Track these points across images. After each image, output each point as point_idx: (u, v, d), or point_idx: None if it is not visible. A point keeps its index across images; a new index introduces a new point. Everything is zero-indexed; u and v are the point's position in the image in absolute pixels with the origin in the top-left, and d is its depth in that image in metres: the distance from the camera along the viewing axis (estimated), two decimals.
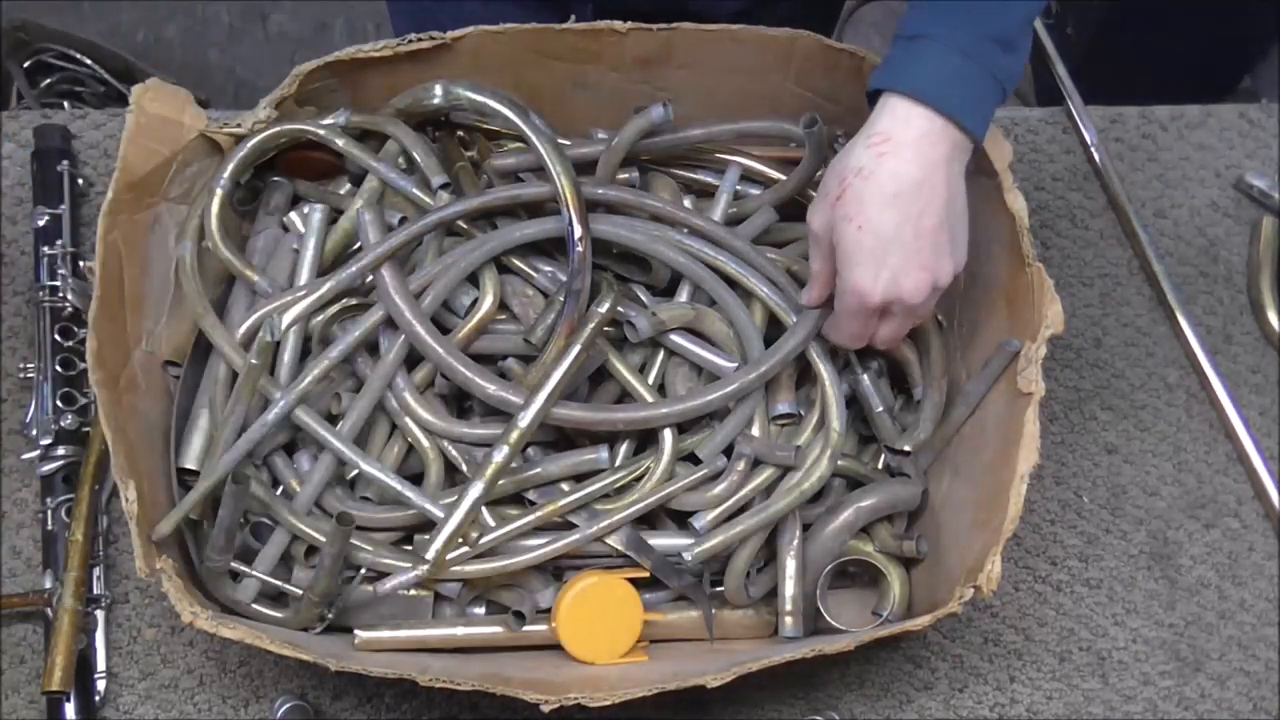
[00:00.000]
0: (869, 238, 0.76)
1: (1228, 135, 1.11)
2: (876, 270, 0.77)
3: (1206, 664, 0.96)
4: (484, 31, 0.90)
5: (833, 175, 0.78)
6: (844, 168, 0.77)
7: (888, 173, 0.75)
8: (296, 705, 0.88)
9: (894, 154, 0.75)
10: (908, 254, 0.77)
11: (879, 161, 0.75)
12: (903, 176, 0.75)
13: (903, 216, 0.75)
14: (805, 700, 0.93)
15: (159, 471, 0.86)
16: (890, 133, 0.75)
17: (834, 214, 0.77)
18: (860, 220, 0.76)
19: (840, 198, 0.77)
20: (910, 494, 0.91)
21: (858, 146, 0.76)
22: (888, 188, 0.75)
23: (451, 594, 0.86)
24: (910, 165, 0.75)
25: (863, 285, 0.77)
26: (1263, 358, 1.05)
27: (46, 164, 0.99)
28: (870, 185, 0.75)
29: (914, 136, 0.75)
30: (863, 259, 0.77)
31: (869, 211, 0.75)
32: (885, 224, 0.76)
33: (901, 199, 0.75)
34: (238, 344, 0.86)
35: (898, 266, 0.77)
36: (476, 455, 0.87)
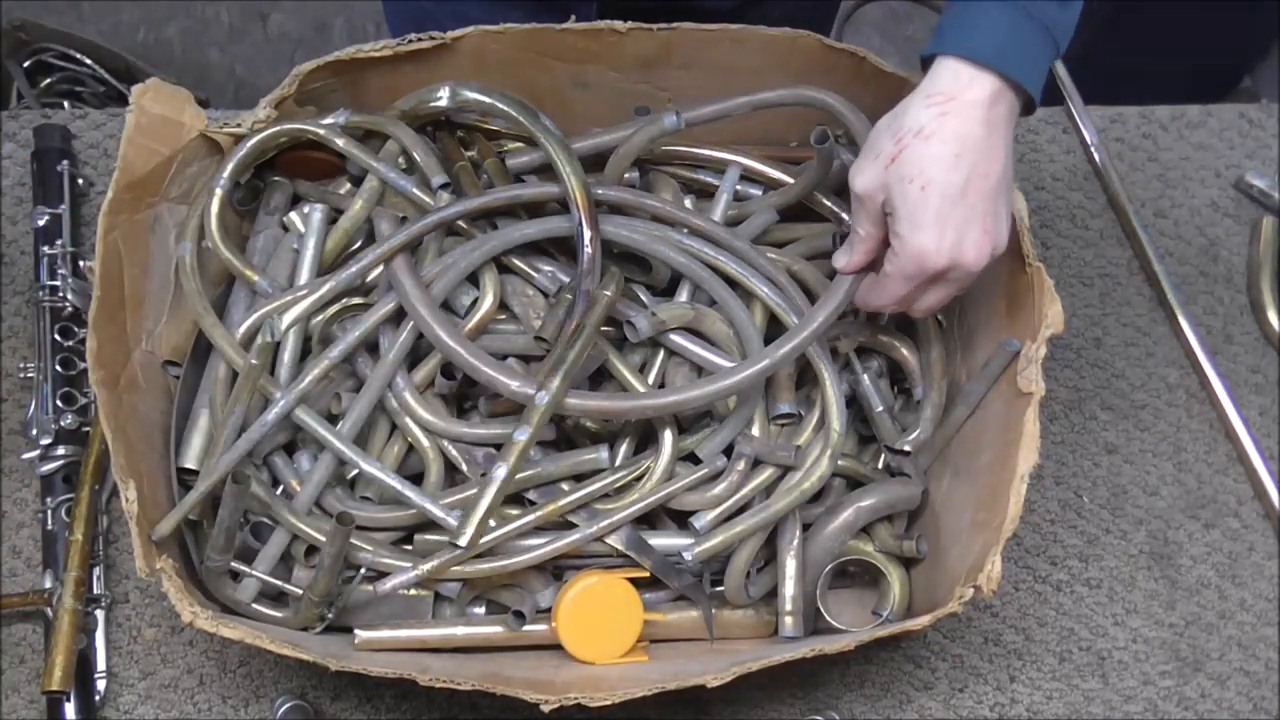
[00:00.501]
0: (934, 198, 0.74)
1: (1228, 135, 1.11)
2: (941, 231, 0.75)
3: (1206, 664, 0.96)
4: (484, 31, 0.90)
5: (885, 135, 0.76)
6: (900, 127, 0.75)
7: (951, 132, 0.73)
8: (296, 705, 0.88)
9: (956, 113, 0.73)
10: (972, 216, 0.75)
11: (941, 121, 0.74)
12: (966, 136, 0.74)
13: (967, 177, 0.74)
14: (805, 700, 0.93)
15: (159, 471, 0.86)
16: (951, 92, 0.74)
17: (888, 175, 0.75)
18: (923, 180, 0.74)
19: (897, 158, 0.75)
20: (910, 494, 0.91)
21: (914, 107, 0.75)
22: (951, 147, 0.74)
23: (451, 594, 0.86)
24: (974, 124, 0.74)
25: (926, 247, 0.75)
26: (1263, 358, 1.05)
27: (46, 164, 0.99)
28: (932, 145, 0.74)
29: (976, 96, 0.73)
30: (926, 220, 0.75)
31: (932, 171, 0.74)
32: (951, 184, 0.74)
33: (964, 159, 0.74)
34: (238, 344, 0.86)
35: (962, 228, 0.75)
36: (476, 455, 0.87)
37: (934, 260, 0.76)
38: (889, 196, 0.76)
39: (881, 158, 0.76)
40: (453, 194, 0.90)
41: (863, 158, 0.78)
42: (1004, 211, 0.77)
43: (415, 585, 0.83)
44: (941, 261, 0.76)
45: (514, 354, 0.89)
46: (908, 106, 0.75)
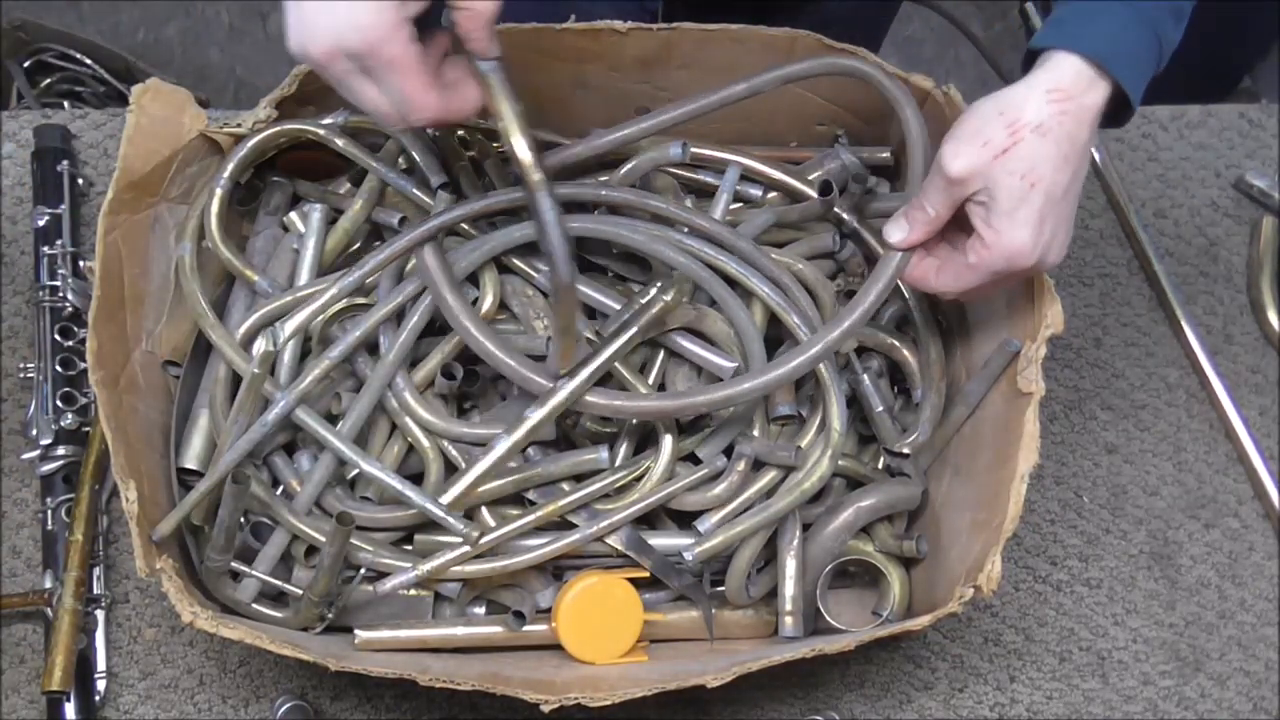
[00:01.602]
0: (1040, 197, 0.73)
1: (1228, 135, 1.11)
2: (1038, 231, 0.74)
3: (1206, 664, 0.96)
4: None
5: (996, 124, 0.74)
6: (1017, 120, 0.73)
7: (1066, 133, 0.73)
8: (296, 705, 0.88)
9: (1074, 115, 0.73)
10: (1062, 219, 0.75)
11: (1059, 120, 0.73)
12: (1076, 139, 0.73)
13: (1069, 179, 0.74)
14: (805, 700, 0.93)
15: (159, 471, 0.86)
16: (1072, 91, 0.73)
17: (995, 165, 0.73)
18: (1033, 178, 0.73)
19: (1009, 151, 0.73)
20: (910, 494, 0.91)
21: (1035, 100, 0.73)
22: (1063, 148, 0.73)
23: (451, 594, 0.86)
24: (1084, 128, 0.73)
25: (1023, 245, 0.74)
26: (1263, 358, 1.05)
27: (46, 164, 0.99)
28: (1047, 143, 0.73)
29: (1093, 101, 0.73)
30: (1029, 220, 0.74)
31: (1043, 169, 0.73)
32: (1057, 184, 0.73)
33: (1070, 161, 0.73)
34: (238, 345, 0.86)
35: (1055, 229, 0.75)
36: (477, 455, 0.87)
37: (1026, 259, 0.75)
38: (989, 186, 0.74)
39: (990, 146, 0.74)
40: (452, 194, 0.90)
41: (963, 141, 0.75)
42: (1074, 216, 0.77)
43: (415, 585, 0.83)
44: (1031, 260, 0.75)
45: None
46: (1026, 98, 0.73)
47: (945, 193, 0.77)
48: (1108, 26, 0.73)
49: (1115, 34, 0.73)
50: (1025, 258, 0.75)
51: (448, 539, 0.85)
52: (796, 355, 0.81)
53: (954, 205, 0.77)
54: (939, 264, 0.81)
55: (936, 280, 0.81)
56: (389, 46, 0.66)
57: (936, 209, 0.78)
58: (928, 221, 0.79)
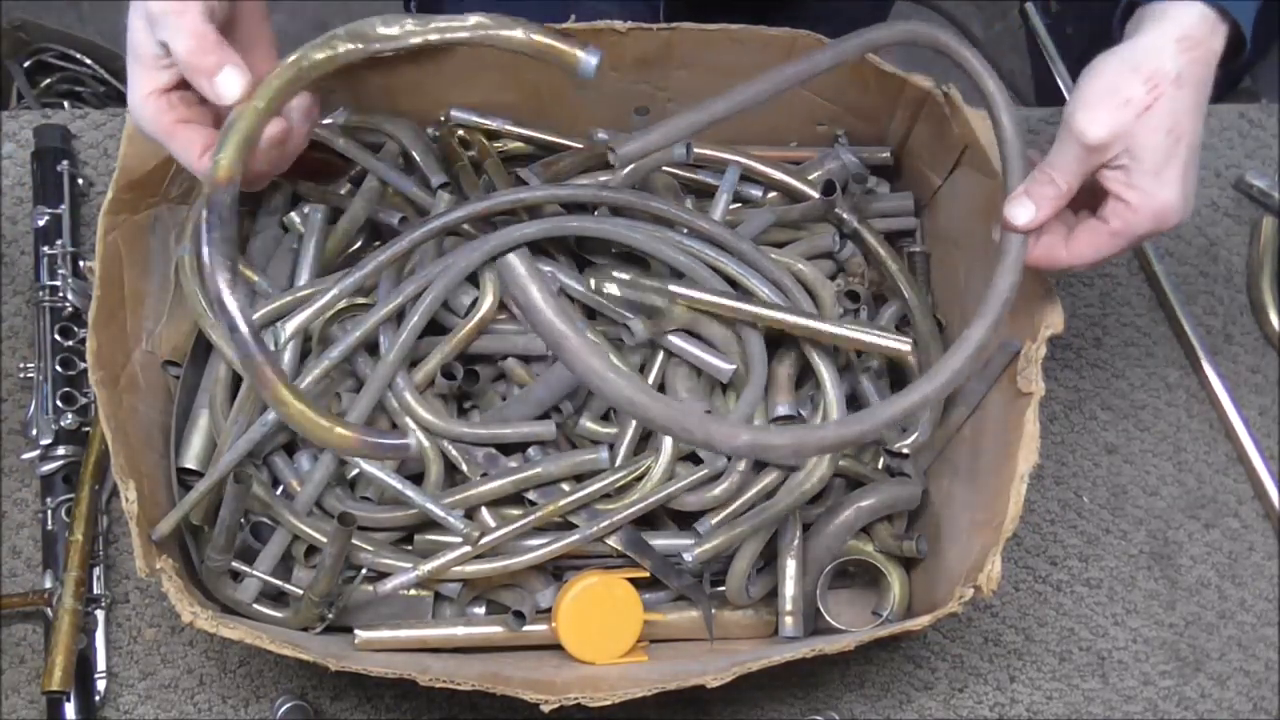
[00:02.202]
0: (1185, 150, 0.70)
1: (1228, 135, 1.11)
2: (1185, 186, 0.71)
3: (1206, 664, 0.96)
4: None
5: (1133, 78, 0.70)
6: (1155, 72, 0.70)
7: (1200, 81, 0.70)
8: (296, 705, 0.88)
9: (1203, 62, 0.70)
10: (1196, 172, 0.72)
11: (1192, 69, 0.70)
12: (1205, 87, 0.71)
13: (1199, 131, 0.71)
14: (805, 700, 0.93)
15: (159, 471, 0.86)
16: (1199, 37, 0.70)
17: (1139, 124, 0.70)
18: (1179, 131, 0.70)
19: (1152, 107, 0.70)
20: (910, 494, 0.91)
21: (1168, 51, 0.70)
22: (1199, 98, 0.70)
23: (452, 594, 0.86)
24: (1210, 74, 0.71)
25: (1174, 203, 0.71)
26: (1263, 358, 1.05)
27: (46, 164, 0.99)
28: (1186, 94, 0.70)
29: (1216, 46, 0.71)
30: (1176, 176, 0.71)
31: (1186, 122, 0.70)
32: (1197, 135, 0.71)
33: (1201, 109, 0.71)
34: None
35: (1193, 184, 0.72)
36: (476, 455, 0.87)
37: (1175, 216, 0.72)
38: (1132, 146, 0.71)
39: (1132, 105, 0.70)
40: (453, 194, 0.90)
41: (1098, 104, 0.71)
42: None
43: (416, 585, 0.83)
44: (1179, 217, 0.72)
45: (514, 354, 0.89)
46: (1158, 49, 0.70)
47: (1082, 162, 0.72)
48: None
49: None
50: (1174, 215, 0.72)
51: (448, 539, 0.85)
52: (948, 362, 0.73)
53: (1088, 174, 0.73)
54: (1063, 238, 0.76)
55: (1070, 254, 0.76)
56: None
57: (1069, 180, 0.73)
58: (1058, 196, 0.74)
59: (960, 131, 0.90)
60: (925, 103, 0.92)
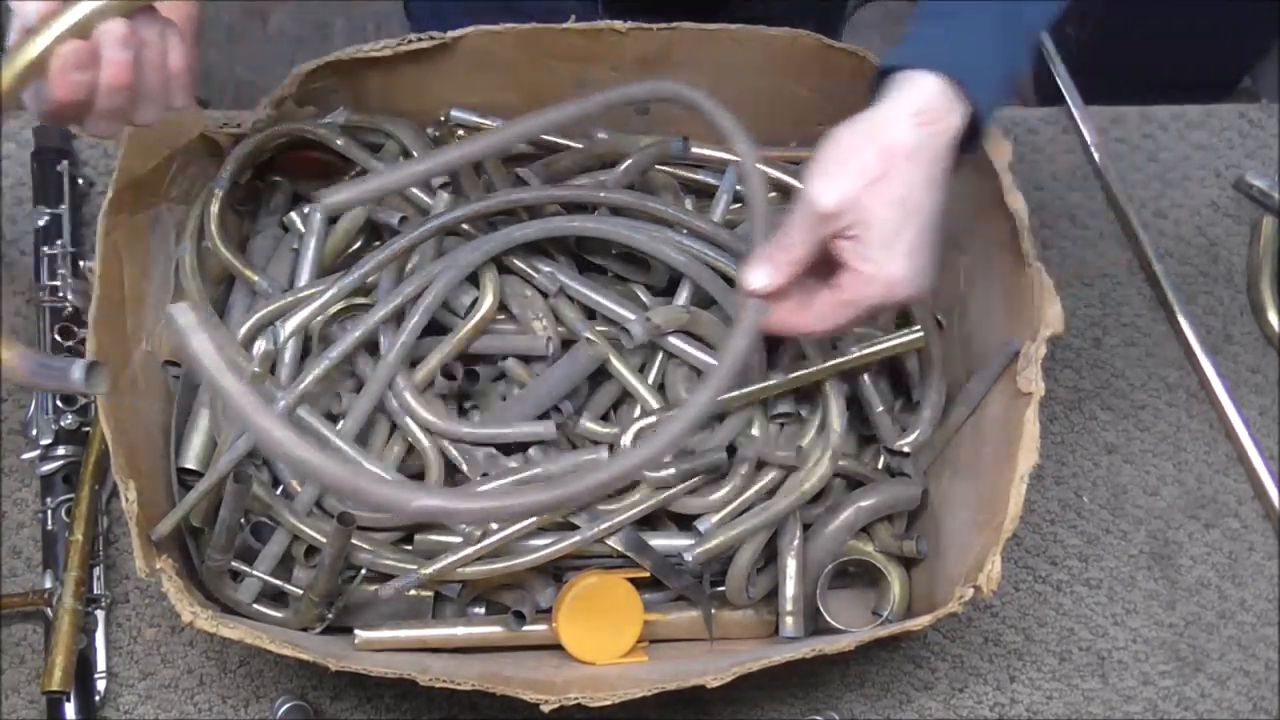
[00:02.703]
0: (915, 223, 0.70)
1: (1228, 135, 1.11)
2: (913, 260, 0.71)
3: (1206, 664, 0.96)
4: (484, 31, 0.90)
5: (866, 150, 0.70)
6: (889, 143, 0.70)
7: (934, 156, 0.70)
8: (296, 705, 0.88)
9: (940, 136, 0.70)
10: (928, 249, 0.72)
11: (928, 142, 0.70)
12: (941, 163, 0.71)
13: (934, 207, 0.71)
14: (805, 700, 0.93)
15: (159, 471, 0.86)
16: (938, 113, 0.70)
17: (868, 194, 0.70)
18: (909, 205, 0.70)
19: (883, 178, 0.69)
20: (910, 494, 0.91)
21: (904, 123, 0.70)
22: (932, 172, 0.70)
23: (452, 594, 0.86)
24: (948, 153, 0.71)
25: (900, 275, 0.71)
26: (1263, 358, 1.05)
27: (46, 164, 0.99)
28: (919, 167, 0.70)
29: (955, 123, 0.70)
30: (906, 248, 0.71)
31: (917, 196, 0.70)
32: (929, 212, 0.71)
33: (936, 186, 0.71)
34: (239, 345, 0.86)
35: (925, 260, 0.72)
36: (477, 455, 0.87)
37: (903, 289, 0.72)
38: (863, 218, 0.70)
39: (863, 175, 0.70)
40: (452, 194, 0.90)
41: (831, 172, 0.71)
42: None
43: (416, 586, 0.83)
44: (908, 291, 0.72)
45: (514, 354, 0.89)
46: (892, 122, 0.70)
47: (814, 229, 0.72)
48: (967, 48, 0.71)
49: (974, 58, 0.71)
50: (903, 288, 0.72)
51: (448, 539, 0.85)
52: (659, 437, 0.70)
53: (821, 242, 0.73)
54: (799, 305, 0.75)
55: (803, 322, 0.76)
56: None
57: (803, 247, 0.73)
58: (792, 262, 0.74)
59: None
60: None
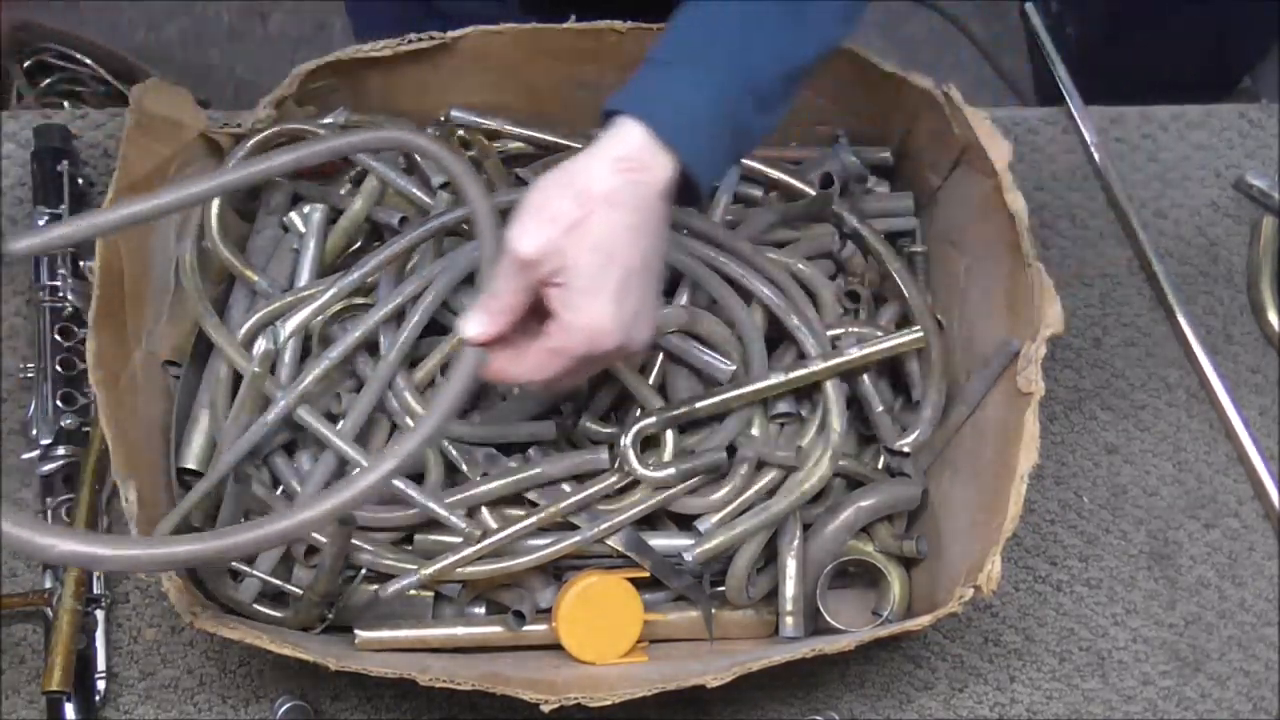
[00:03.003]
0: (618, 271, 0.68)
1: (1228, 135, 1.11)
2: (620, 308, 0.69)
3: (1206, 664, 0.96)
4: (484, 31, 0.90)
5: (564, 197, 0.69)
6: (586, 191, 0.68)
7: (636, 204, 0.68)
8: (296, 705, 0.88)
9: (644, 185, 0.69)
10: (645, 294, 0.71)
11: (629, 190, 0.68)
12: (649, 210, 0.69)
13: (644, 253, 0.69)
14: (805, 700, 0.93)
15: (159, 471, 0.86)
16: (641, 162, 0.69)
17: (567, 240, 0.68)
18: (608, 251, 0.68)
19: (581, 224, 0.68)
20: (910, 494, 0.91)
21: (603, 169, 0.68)
22: (636, 220, 0.69)
23: (452, 594, 0.86)
24: (656, 200, 0.69)
25: (604, 324, 0.69)
26: (1263, 358, 1.05)
27: (46, 164, 0.99)
28: (620, 214, 0.68)
29: (661, 175, 0.69)
30: (609, 296, 0.69)
31: (618, 242, 0.68)
32: (634, 258, 0.69)
33: (645, 234, 0.69)
34: (239, 344, 0.86)
35: (637, 306, 0.70)
36: (477, 455, 0.87)
37: (609, 339, 0.70)
38: (564, 265, 0.68)
39: (559, 221, 0.68)
40: (452, 194, 0.90)
41: (529, 218, 0.69)
42: (660, 294, 0.73)
43: (418, 587, 0.83)
44: (616, 340, 0.70)
45: None
46: (592, 168, 0.69)
47: (518, 277, 0.70)
48: (680, 100, 0.69)
49: (686, 110, 0.69)
50: (609, 337, 0.70)
51: (448, 539, 0.85)
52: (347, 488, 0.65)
53: (530, 289, 0.70)
54: (517, 353, 0.73)
55: (516, 370, 0.73)
56: None
57: (512, 295, 0.71)
58: (504, 311, 0.71)
59: (960, 131, 0.90)
60: (925, 102, 0.92)
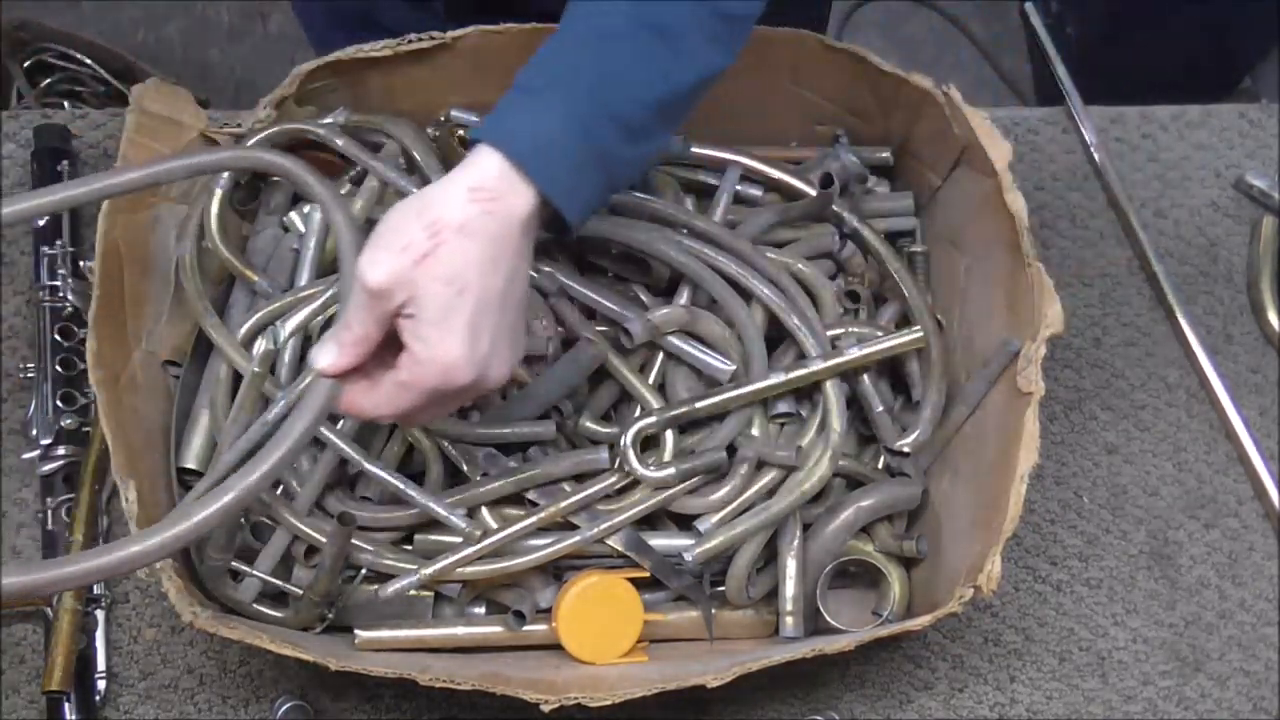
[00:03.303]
0: (470, 304, 0.66)
1: (1228, 135, 1.11)
2: (474, 343, 0.67)
3: (1206, 664, 0.96)
4: (484, 31, 0.90)
5: (414, 226, 0.66)
6: (437, 220, 0.66)
7: (493, 235, 0.67)
8: (296, 705, 0.88)
9: (499, 216, 0.67)
10: (502, 328, 0.69)
11: (484, 221, 0.66)
12: (506, 241, 0.67)
13: (504, 285, 0.68)
14: (805, 700, 0.93)
15: (159, 471, 0.86)
16: (497, 191, 0.67)
17: (417, 272, 0.66)
18: (461, 284, 0.66)
19: (431, 255, 0.66)
20: (910, 494, 0.91)
21: (456, 199, 0.66)
22: (491, 251, 0.67)
23: (452, 594, 0.86)
24: (514, 230, 0.67)
25: (456, 359, 0.67)
26: (1263, 358, 1.05)
27: (46, 164, 0.99)
28: (473, 245, 0.66)
29: (520, 205, 0.67)
30: (459, 328, 0.67)
31: (470, 274, 0.66)
32: (490, 291, 0.67)
33: (501, 266, 0.67)
34: (239, 344, 0.86)
35: (494, 341, 0.68)
36: (477, 455, 0.87)
37: (462, 374, 0.68)
38: (415, 296, 0.66)
39: (410, 251, 0.66)
40: None
41: (379, 247, 0.67)
42: (523, 329, 0.72)
43: (418, 587, 0.83)
44: (469, 375, 0.68)
45: None
46: (445, 196, 0.67)
47: (368, 308, 0.67)
48: (538, 129, 0.67)
49: (544, 139, 0.67)
50: (461, 372, 0.68)
51: (448, 538, 0.85)
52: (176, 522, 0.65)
53: (382, 321, 0.68)
54: (371, 384, 0.70)
55: (367, 402, 0.70)
56: None
57: (363, 327, 0.68)
58: (355, 342, 0.68)
59: (960, 131, 0.90)
60: (925, 102, 0.92)
